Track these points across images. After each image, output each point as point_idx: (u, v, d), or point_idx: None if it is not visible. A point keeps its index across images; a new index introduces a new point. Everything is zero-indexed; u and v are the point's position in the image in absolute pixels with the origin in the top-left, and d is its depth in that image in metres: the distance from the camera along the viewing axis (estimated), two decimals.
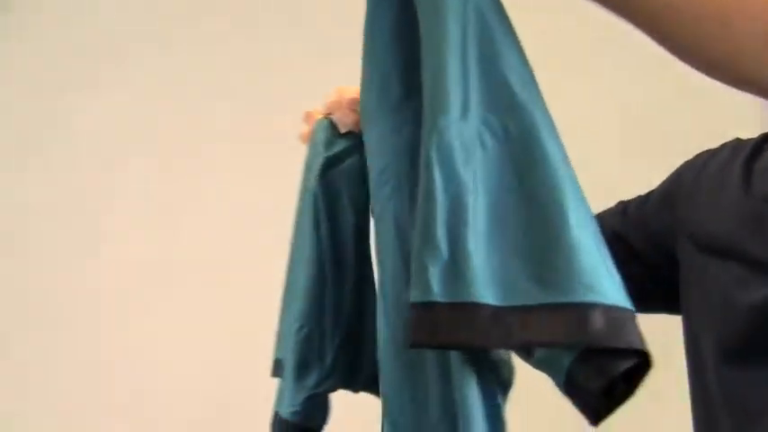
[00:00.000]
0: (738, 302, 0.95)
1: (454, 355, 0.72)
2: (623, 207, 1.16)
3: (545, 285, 0.66)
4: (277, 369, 1.07)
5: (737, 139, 1.07)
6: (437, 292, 0.67)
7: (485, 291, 0.67)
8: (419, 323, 0.68)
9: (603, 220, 1.15)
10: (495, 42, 0.73)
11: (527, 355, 0.70)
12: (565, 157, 0.70)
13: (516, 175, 0.70)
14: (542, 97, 0.72)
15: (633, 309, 0.66)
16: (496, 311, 0.66)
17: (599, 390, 0.67)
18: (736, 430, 0.95)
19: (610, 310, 0.65)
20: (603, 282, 0.66)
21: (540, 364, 0.70)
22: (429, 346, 0.70)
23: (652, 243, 1.11)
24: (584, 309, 0.65)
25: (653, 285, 1.10)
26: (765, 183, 0.97)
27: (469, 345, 0.68)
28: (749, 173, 0.99)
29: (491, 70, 0.72)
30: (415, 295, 0.69)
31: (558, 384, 0.69)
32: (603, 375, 0.66)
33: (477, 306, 0.66)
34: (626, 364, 0.66)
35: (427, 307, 0.68)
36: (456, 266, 0.68)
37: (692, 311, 1.04)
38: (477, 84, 0.71)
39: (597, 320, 0.64)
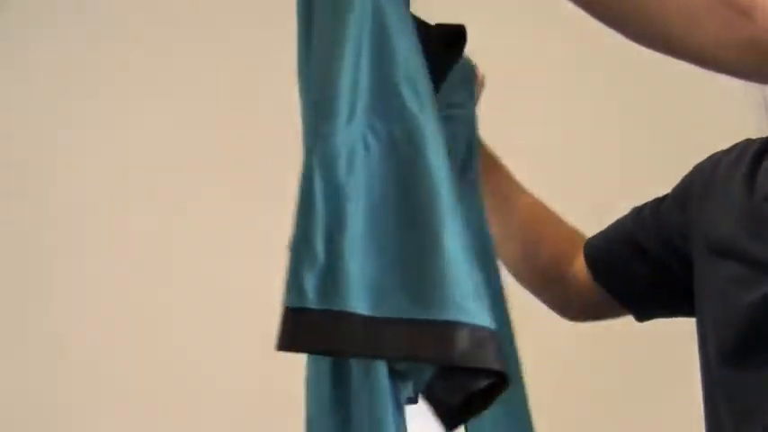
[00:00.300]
0: (737, 302, 0.95)
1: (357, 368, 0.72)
2: (638, 210, 1.16)
3: (417, 299, 0.67)
4: None
5: (748, 140, 1.06)
6: (311, 298, 0.68)
7: (358, 300, 0.67)
8: (290, 327, 0.68)
9: (620, 226, 1.15)
10: (392, 49, 0.73)
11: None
12: (447, 170, 0.70)
13: (397, 184, 0.70)
14: (434, 108, 0.72)
15: (495, 329, 0.68)
16: (368, 321, 0.67)
17: (456, 403, 0.69)
18: (736, 431, 0.95)
19: (475, 330, 0.67)
20: (472, 301, 0.67)
21: (399, 369, 0.71)
22: (297, 351, 0.70)
23: (666, 245, 1.11)
24: (453, 328, 0.66)
25: (669, 289, 1.11)
26: (766, 183, 0.97)
27: (338, 352, 0.69)
28: (754, 173, 0.99)
29: (383, 77, 0.72)
30: (288, 300, 0.69)
31: (415, 392, 0.71)
32: (462, 391, 0.68)
33: (349, 315, 0.67)
34: (484, 383, 0.68)
35: (300, 312, 0.68)
36: (331, 274, 0.68)
37: (702, 312, 1.04)
38: (367, 89, 0.72)
39: (463, 340, 0.66)
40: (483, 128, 1.03)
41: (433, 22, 0.93)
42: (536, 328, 1.16)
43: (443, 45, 0.88)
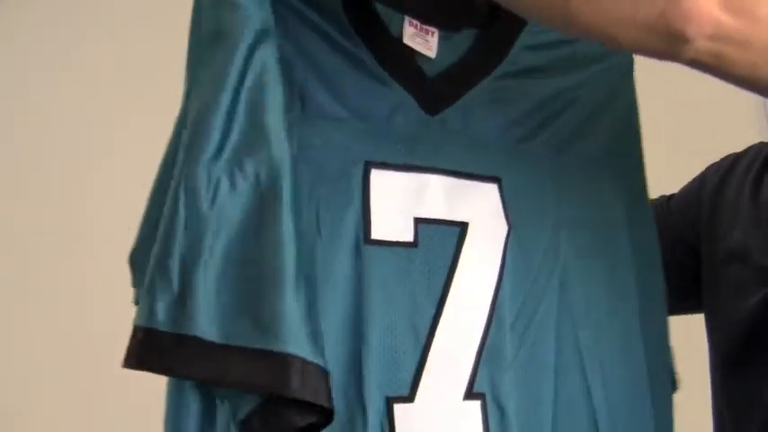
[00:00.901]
0: (740, 306, 0.96)
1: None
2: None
3: (261, 331, 0.71)
4: None
5: (762, 143, 1.06)
6: (161, 320, 0.71)
7: (206, 326, 0.71)
8: (138, 346, 0.72)
9: None
10: (265, 100, 0.77)
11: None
12: (293, 223, 0.74)
13: (257, 223, 0.74)
14: (292, 157, 0.77)
15: (326, 367, 0.73)
16: (211, 348, 0.71)
17: None
18: None
19: (307, 365, 0.71)
20: (306, 337, 0.72)
21: (221, 395, 0.75)
22: (143, 369, 0.72)
23: (678, 242, 1.10)
24: (289, 360, 0.71)
25: (678, 285, 1.09)
26: None
27: (181, 375, 0.73)
28: (761, 177, 1.00)
29: (256, 124, 0.76)
30: (139, 319, 0.72)
31: (232, 420, 0.74)
32: (284, 426, 0.73)
33: (195, 340, 0.71)
34: (309, 419, 0.73)
35: (148, 332, 0.72)
36: (183, 300, 0.72)
37: (709, 315, 1.05)
38: (240, 128, 0.76)
39: (296, 373, 0.70)
40: None
41: None
42: None
43: None
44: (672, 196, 1.15)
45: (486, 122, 0.89)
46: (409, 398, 0.80)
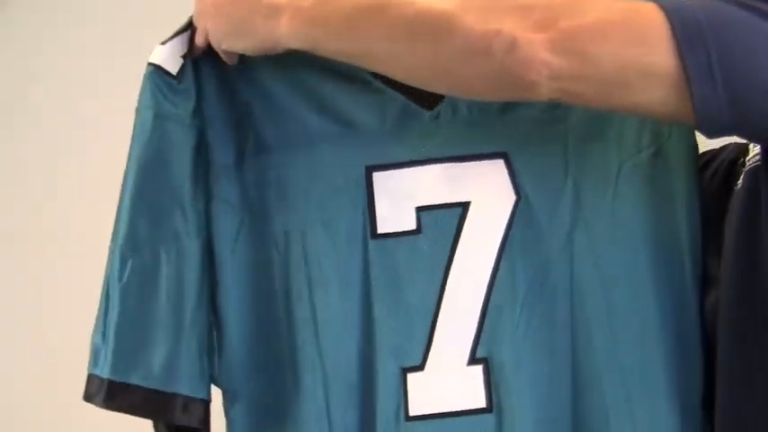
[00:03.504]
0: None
1: None
2: None
3: (147, 371, 0.93)
4: None
5: (733, 144, 1.01)
6: (91, 365, 0.95)
7: (121, 371, 0.93)
8: (89, 387, 0.95)
9: None
10: (167, 176, 0.94)
11: None
12: (196, 292, 0.95)
13: (160, 291, 0.94)
14: (198, 228, 0.95)
15: (207, 398, 0.95)
16: (121, 387, 0.93)
17: None
18: None
19: (190, 399, 0.93)
20: (191, 377, 0.93)
21: None
22: (97, 405, 0.95)
23: None
24: (172, 397, 0.93)
25: None
26: (734, 202, 0.93)
27: (106, 408, 0.94)
28: (727, 182, 0.97)
29: (160, 202, 0.94)
30: (89, 366, 0.95)
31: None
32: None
33: (125, 385, 0.93)
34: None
35: (94, 377, 0.94)
36: (104, 350, 0.94)
37: None
38: (146, 213, 0.94)
39: (180, 406, 0.93)
40: None
41: None
42: None
43: None
44: None
45: (483, 105, 0.94)
46: (420, 367, 0.92)
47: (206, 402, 0.95)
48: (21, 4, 2.26)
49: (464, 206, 0.93)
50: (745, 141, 0.93)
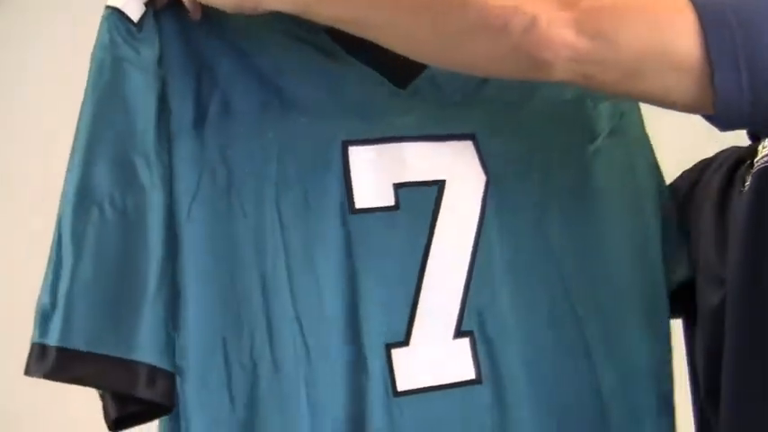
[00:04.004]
0: (704, 318, 0.95)
1: None
2: None
3: (126, 344, 0.84)
4: None
5: (734, 147, 1.03)
6: (51, 336, 0.84)
7: (85, 340, 0.84)
8: (31, 358, 0.85)
9: None
10: (130, 123, 0.87)
11: None
12: (160, 247, 0.86)
13: (121, 246, 0.85)
14: (163, 180, 0.87)
15: (172, 370, 0.86)
16: (78, 355, 0.83)
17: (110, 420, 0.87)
18: None
19: (156, 370, 0.85)
20: (157, 346, 0.85)
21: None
22: (31, 376, 0.85)
23: None
24: (139, 367, 0.84)
25: None
26: (737, 199, 0.94)
27: (57, 379, 0.84)
28: (728, 187, 0.97)
29: (121, 150, 0.87)
30: (33, 334, 0.85)
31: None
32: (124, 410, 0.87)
33: (75, 353, 0.83)
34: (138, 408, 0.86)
35: (40, 346, 0.84)
36: (57, 316, 0.84)
37: (686, 332, 1.04)
38: (107, 161, 0.86)
39: (143, 378, 0.84)
40: None
41: None
42: None
43: None
44: None
45: (453, 86, 0.95)
46: (405, 342, 0.91)
47: (173, 376, 0.86)
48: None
49: (440, 184, 0.93)
50: (745, 145, 0.95)
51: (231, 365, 0.87)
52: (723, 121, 0.79)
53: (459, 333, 0.92)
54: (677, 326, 1.03)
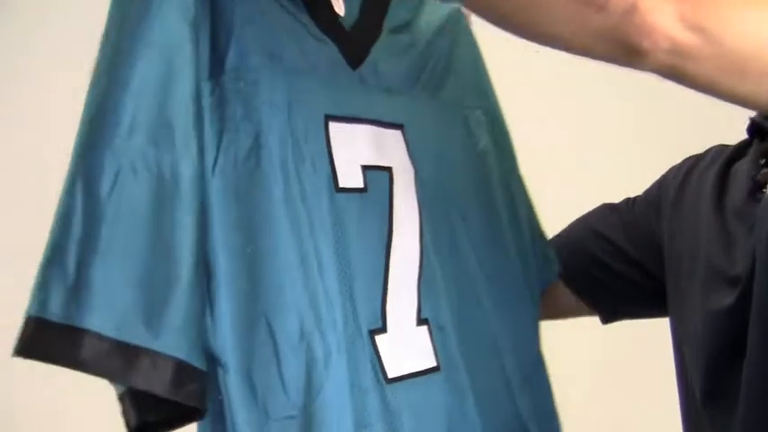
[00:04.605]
0: (704, 314, 0.94)
1: None
2: (608, 211, 1.15)
3: (153, 331, 0.71)
4: None
5: (721, 146, 1.04)
6: (54, 311, 0.70)
7: (101, 320, 0.70)
8: (29, 335, 0.70)
9: (587, 220, 1.15)
10: (173, 89, 0.76)
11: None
12: (196, 216, 0.75)
13: (154, 215, 0.73)
14: (198, 146, 0.76)
15: (203, 367, 0.75)
16: (105, 342, 0.70)
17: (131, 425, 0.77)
18: None
19: (183, 366, 0.73)
20: (189, 339, 0.73)
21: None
22: (32, 358, 0.71)
23: (642, 245, 1.09)
24: (168, 362, 0.72)
25: (641, 289, 1.10)
26: (736, 197, 0.94)
27: (69, 365, 0.71)
28: (723, 184, 0.97)
29: (160, 112, 0.75)
30: (32, 308, 0.71)
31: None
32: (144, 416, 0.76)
33: (86, 333, 0.70)
34: (167, 414, 0.76)
35: (41, 322, 0.70)
36: (78, 292, 0.70)
37: (675, 323, 1.04)
38: (145, 120, 0.74)
39: (173, 375, 0.72)
40: None
41: None
42: None
43: None
44: (636, 199, 1.13)
45: (389, 74, 0.96)
46: (383, 329, 0.89)
47: (203, 375, 0.75)
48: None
49: (389, 171, 0.94)
50: (728, 144, 0.97)
51: (279, 349, 0.79)
52: None
53: (420, 321, 0.93)
54: (664, 328, 1.04)
